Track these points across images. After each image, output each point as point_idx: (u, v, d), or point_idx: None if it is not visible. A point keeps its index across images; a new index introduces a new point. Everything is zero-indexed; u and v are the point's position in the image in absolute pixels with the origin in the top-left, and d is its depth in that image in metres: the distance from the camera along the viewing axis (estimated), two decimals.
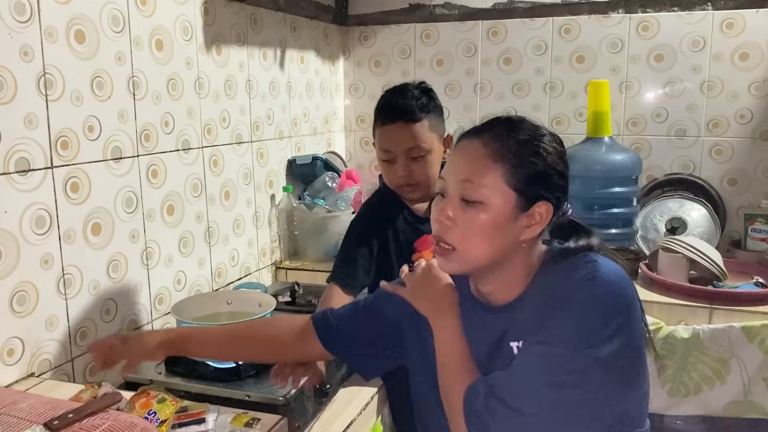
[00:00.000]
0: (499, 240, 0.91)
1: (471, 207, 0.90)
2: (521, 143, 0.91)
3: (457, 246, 0.92)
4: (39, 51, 1.29)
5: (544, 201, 0.91)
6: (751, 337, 1.69)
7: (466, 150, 0.94)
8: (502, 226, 0.90)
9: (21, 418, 0.99)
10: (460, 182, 0.92)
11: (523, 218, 0.91)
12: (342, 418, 1.41)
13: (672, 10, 2.29)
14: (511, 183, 0.90)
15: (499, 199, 0.90)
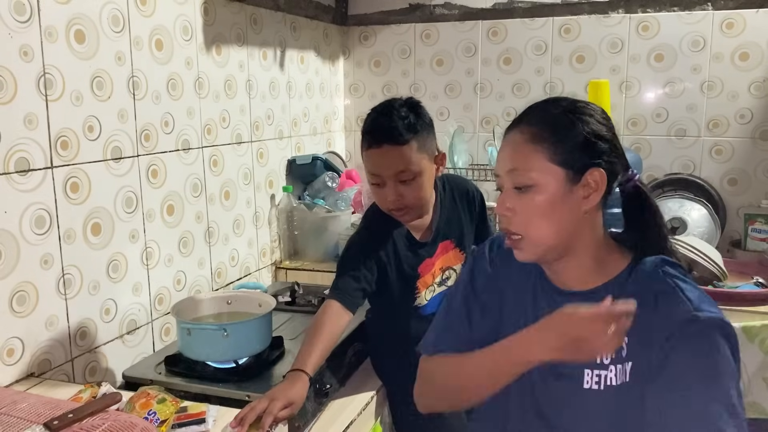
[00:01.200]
0: (560, 216, 0.93)
1: (524, 193, 0.93)
2: (555, 119, 0.94)
3: (522, 233, 0.94)
4: (39, 51, 1.29)
5: (594, 168, 0.92)
6: (752, 337, 1.69)
7: (508, 142, 0.97)
8: (560, 202, 0.92)
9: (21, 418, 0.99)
10: (508, 173, 0.95)
11: (578, 190, 0.92)
12: (342, 418, 1.41)
13: (672, 10, 2.29)
14: (555, 159, 0.91)
15: (548, 178, 0.92)
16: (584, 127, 0.93)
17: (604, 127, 0.94)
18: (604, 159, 0.93)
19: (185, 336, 1.40)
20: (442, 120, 2.61)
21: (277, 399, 1.18)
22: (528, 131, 0.94)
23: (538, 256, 0.97)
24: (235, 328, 1.39)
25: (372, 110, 1.47)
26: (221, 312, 1.56)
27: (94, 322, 1.46)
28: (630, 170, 0.98)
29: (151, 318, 1.64)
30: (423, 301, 1.53)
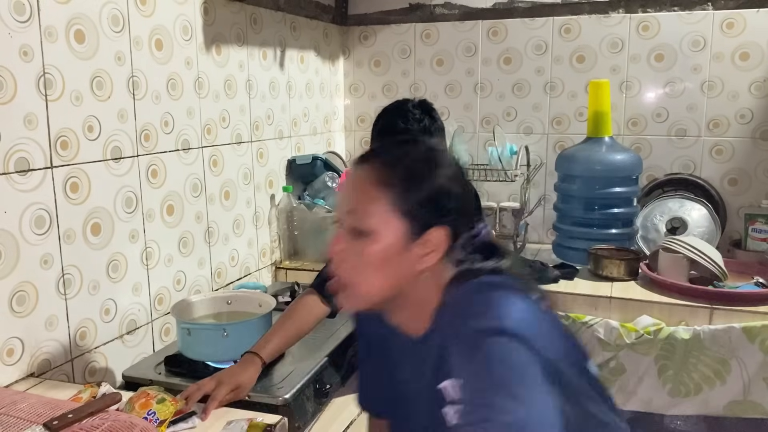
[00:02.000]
0: (392, 272, 0.84)
1: (360, 238, 0.83)
2: (408, 167, 0.84)
3: (349, 281, 0.85)
4: (39, 51, 1.29)
5: (438, 227, 0.83)
6: (752, 337, 1.69)
7: (352, 178, 0.87)
8: (394, 257, 0.83)
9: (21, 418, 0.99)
10: (346, 213, 0.85)
11: (417, 246, 0.83)
12: (342, 418, 1.41)
13: (672, 10, 2.29)
14: (399, 210, 0.82)
15: (387, 228, 0.82)
16: (437, 180, 0.84)
17: (458, 183, 0.86)
18: (450, 219, 0.84)
19: (185, 336, 1.40)
20: (442, 120, 2.60)
21: (225, 383, 1.21)
22: (376, 172, 0.84)
23: (364, 307, 0.90)
24: (234, 328, 1.39)
25: (384, 110, 1.45)
26: (221, 312, 1.56)
27: (94, 322, 1.46)
28: (479, 226, 0.90)
29: (150, 318, 1.64)
30: None
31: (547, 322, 0.81)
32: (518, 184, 2.36)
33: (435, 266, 0.85)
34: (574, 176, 2.17)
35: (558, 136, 2.49)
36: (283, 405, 1.29)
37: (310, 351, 1.53)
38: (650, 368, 1.79)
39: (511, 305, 0.78)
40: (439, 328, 0.85)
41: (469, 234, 0.88)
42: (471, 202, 0.89)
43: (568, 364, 0.81)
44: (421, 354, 0.88)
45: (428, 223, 0.83)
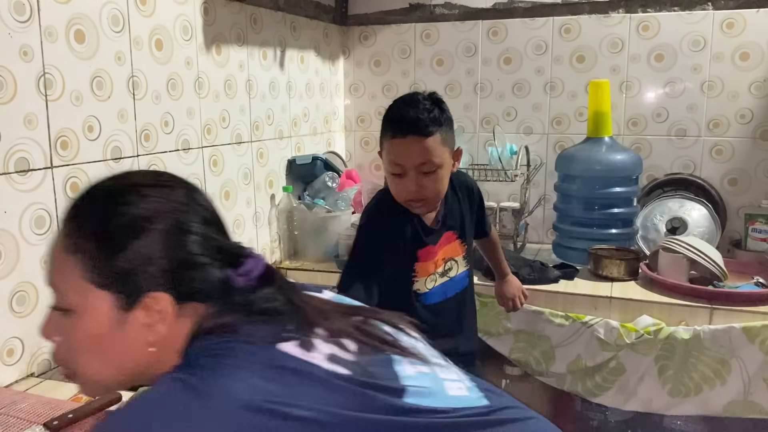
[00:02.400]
0: (114, 351, 0.71)
1: (65, 317, 0.70)
2: (94, 226, 0.70)
3: (70, 367, 0.73)
4: (39, 51, 1.29)
5: (153, 292, 0.69)
6: (752, 337, 1.69)
7: (50, 247, 0.73)
8: (107, 334, 0.70)
9: (21, 418, 0.99)
10: (49, 287, 0.72)
11: (136, 317, 0.70)
12: None
13: (672, 10, 2.29)
14: (93, 280, 0.69)
15: (87, 301, 0.69)
16: (140, 239, 0.69)
17: (176, 235, 0.71)
18: (172, 278, 0.70)
19: None
20: None
21: None
22: (66, 238, 0.70)
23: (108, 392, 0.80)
24: None
25: (395, 101, 1.49)
26: None
27: None
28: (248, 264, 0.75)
29: None
30: (423, 287, 1.51)
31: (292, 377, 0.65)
32: (518, 184, 2.36)
33: (172, 331, 0.71)
34: (574, 176, 2.17)
35: (558, 136, 2.49)
36: None
37: None
38: (650, 368, 1.79)
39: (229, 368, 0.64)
40: None
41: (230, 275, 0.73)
42: (213, 245, 0.73)
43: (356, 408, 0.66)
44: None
45: (139, 290, 0.69)
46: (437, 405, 0.70)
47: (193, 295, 0.72)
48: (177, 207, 0.73)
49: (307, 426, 0.62)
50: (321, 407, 0.63)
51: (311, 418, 0.62)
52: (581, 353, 1.86)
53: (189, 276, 0.71)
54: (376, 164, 2.75)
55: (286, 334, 0.69)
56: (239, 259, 0.75)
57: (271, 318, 0.72)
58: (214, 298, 0.72)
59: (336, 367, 0.68)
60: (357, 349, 0.73)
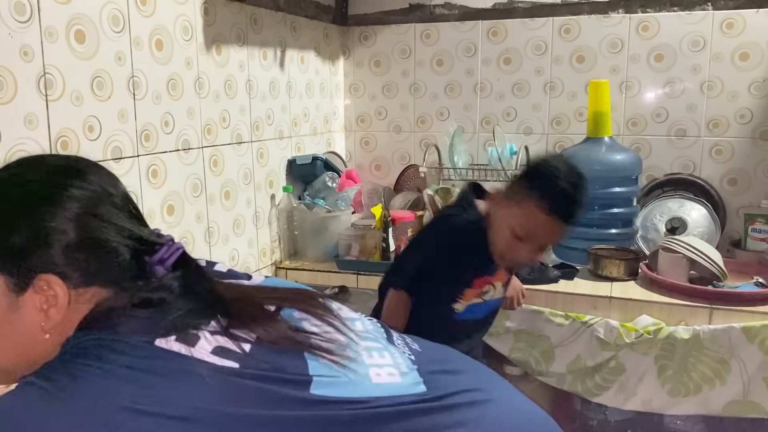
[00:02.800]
0: (7, 336, 0.70)
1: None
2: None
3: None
4: (39, 51, 1.29)
5: (45, 274, 0.67)
6: (751, 337, 1.69)
7: None
8: (4, 317, 0.69)
9: None
10: None
11: (29, 300, 0.68)
12: None
13: (672, 10, 2.29)
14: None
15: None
16: (32, 218, 0.67)
17: (72, 215, 0.68)
18: (62, 262, 0.67)
19: None
20: (442, 120, 2.61)
21: None
22: None
23: (5, 381, 0.76)
24: None
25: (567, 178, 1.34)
26: None
27: None
28: (161, 251, 0.74)
29: None
30: (460, 307, 1.53)
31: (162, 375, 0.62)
32: None
33: (67, 319, 0.69)
34: None
35: (558, 136, 2.49)
36: None
37: None
38: (650, 368, 1.79)
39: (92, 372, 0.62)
40: None
41: (141, 261, 0.73)
42: (119, 230, 0.72)
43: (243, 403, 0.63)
44: None
45: (31, 270, 0.67)
46: (350, 395, 0.67)
47: (91, 281, 0.69)
48: (82, 190, 0.70)
49: (177, 424, 0.59)
50: (194, 404, 0.61)
51: (179, 416, 0.60)
52: (581, 353, 1.86)
53: (85, 260, 0.69)
54: (375, 164, 2.76)
55: (165, 329, 0.66)
56: (154, 246, 0.73)
57: (159, 309, 0.68)
58: (114, 285, 0.70)
59: (222, 361, 0.65)
60: (258, 339, 0.69)
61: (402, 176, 2.64)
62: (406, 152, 2.70)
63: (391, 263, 1.82)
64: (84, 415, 0.58)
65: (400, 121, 2.69)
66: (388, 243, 2.12)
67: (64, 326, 0.69)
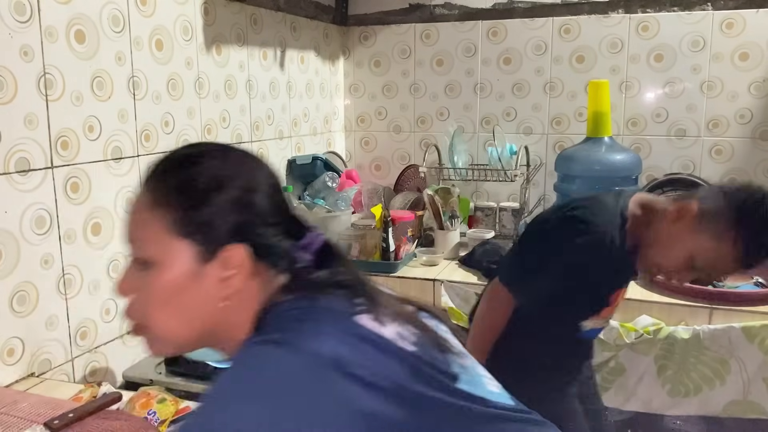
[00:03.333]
0: (189, 304, 0.73)
1: (145, 270, 0.72)
2: (179, 181, 0.73)
3: (145, 322, 0.74)
4: (39, 51, 1.29)
5: (233, 244, 0.72)
6: (751, 337, 1.69)
7: (131, 204, 0.76)
8: (187, 286, 0.72)
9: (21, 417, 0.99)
10: (128, 243, 0.74)
11: (212, 270, 0.72)
12: None
13: (672, 10, 2.29)
14: (179, 231, 0.71)
15: (170, 253, 0.71)
16: (221, 193, 0.72)
17: (252, 193, 0.74)
18: (248, 233, 0.73)
19: None
20: (442, 120, 2.61)
21: None
22: (149, 194, 0.73)
23: (172, 351, 0.81)
24: None
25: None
26: None
27: (95, 322, 1.46)
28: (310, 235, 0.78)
29: None
30: (590, 325, 1.39)
31: (372, 348, 0.68)
32: (518, 184, 2.36)
33: (246, 289, 0.73)
34: (574, 176, 2.17)
35: (558, 136, 2.49)
36: None
37: None
38: (650, 368, 1.79)
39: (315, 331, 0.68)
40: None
41: (293, 245, 0.76)
42: (282, 212, 0.77)
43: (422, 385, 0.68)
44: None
45: (219, 241, 0.72)
46: (484, 396, 0.74)
47: (266, 256, 0.74)
48: (253, 171, 0.76)
49: (380, 396, 0.64)
50: (395, 380, 0.66)
51: (385, 388, 0.65)
52: None
53: (263, 235, 0.74)
54: (375, 164, 2.76)
55: (359, 307, 0.71)
56: (302, 231, 0.78)
57: (342, 291, 0.73)
58: (283, 264, 0.75)
59: (404, 344, 0.70)
60: (416, 331, 0.74)
61: (402, 176, 2.64)
62: (406, 152, 2.70)
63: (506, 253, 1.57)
64: (320, 367, 0.63)
65: (400, 121, 2.69)
66: (388, 243, 2.11)
67: (241, 298, 0.73)
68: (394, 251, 2.13)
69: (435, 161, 2.52)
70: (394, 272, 2.09)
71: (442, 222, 2.26)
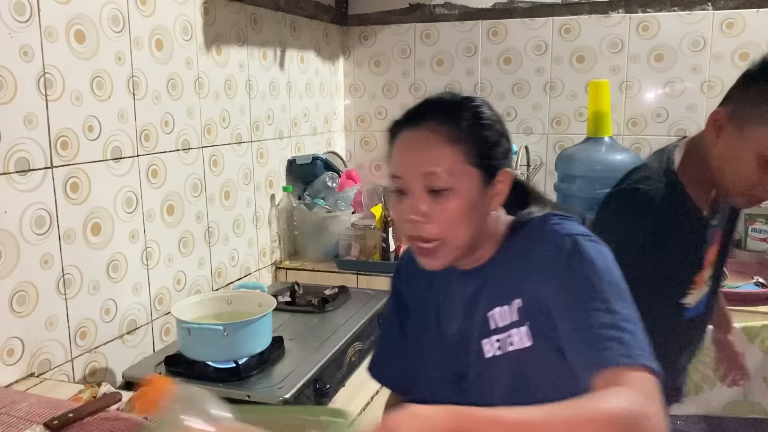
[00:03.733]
0: (475, 218, 0.90)
1: (442, 197, 0.88)
2: (468, 119, 0.90)
3: (440, 238, 0.90)
4: (39, 51, 1.29)
5: (505, 169, 0.92)
6: (752, 337, 1.69)
7: (416, 141, 0.90)
8: (476, 205, 0.90)
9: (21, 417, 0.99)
10: (422, 175, 0.88)
11: (490, 190, 0.91)
12: None
13: (672, 10, 2.29)
14: (473, 161, 0.88)
15: (466, 180, 0.88)
16: (494, 125, 0.91)
17: (503, 124, 0.94)
18: (509, 158, 0.94)
19: (185, 336, 1.40)
20: None
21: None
22: (441, 131, 0.89)
23: (452, 261, 0.93)
24: (235, 328, 1.39)
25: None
26: (221, 312, 1.56)
27: (94, 322, 1.46)
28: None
29: (151, 318, 1.64)
30: (691, 301, 1.22)
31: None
32: None
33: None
34: (574, 176, 2.17)
35: (558, 136, 2.49)
36: (283, 404, 1.29)
37: (310, 351, 1.53)
38: None
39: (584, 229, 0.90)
40: (507, 254, 0.94)
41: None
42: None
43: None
44: (474, 284, 0.96)
45: (497, 166, 0.91)
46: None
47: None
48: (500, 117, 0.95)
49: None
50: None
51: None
52: None
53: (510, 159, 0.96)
54: (375, 164, 2.76)
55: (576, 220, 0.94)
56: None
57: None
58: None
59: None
60: None
61: None
62: None
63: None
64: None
65: None
66: (388, 243, 2.12)
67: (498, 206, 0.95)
68: (394, 251, 2.13)
69: None
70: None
71: None
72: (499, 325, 0.93)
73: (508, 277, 0.92)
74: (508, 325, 0.92)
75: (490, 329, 0.93)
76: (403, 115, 0.94)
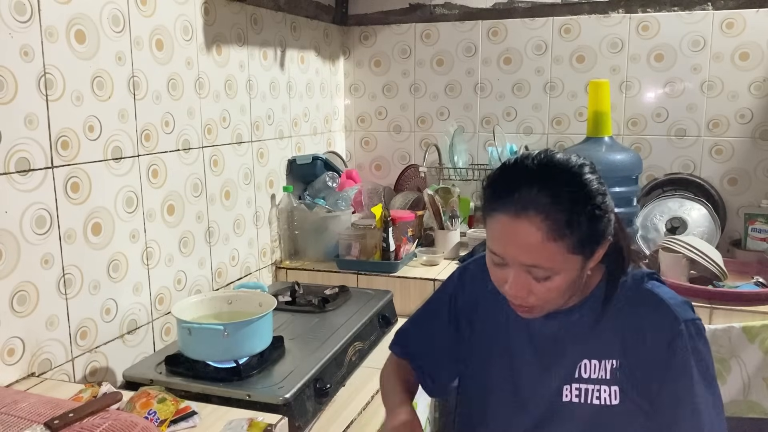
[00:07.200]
0: (571, 289, 0.96)
1: (544, 279, 0.92)
2: (575, 211, 0.88)
3: (538, 305, 0.96)
4: (39, 51, 1.29)
5: (603, 244, 0.95)
6: (752, 337, 1.69)
7: (515, 235, 0.90)
8: (575, 279, 0.95)
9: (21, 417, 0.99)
10: (525, 267, 0.92)
11: (590, 263, 0.96)
12: (342, 418, 1.41)
13: (672, 10, 2.29)
14: (575, 250, 0.90)
15: (568, 265, 0.92)
16: (599, 206, 0.91)
17: (603, 195, 0.92)
18: (610, 228, 0.95)
19: (186, 336, 1.41)
20: (442, 120, 2.61)
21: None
22: (544, 226, 0.88)
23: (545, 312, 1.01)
24: (235, 328, 1.39)
25: None
26: (221, 312, 1.56)
27: (95, 321, 1.46)
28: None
29: (151, 318, 1.64)
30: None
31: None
32: None
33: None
34: None
35: (558, 136, 2.49)
36: (283, 404, 1.29)
37: (310, 350, 1.53)
38: None
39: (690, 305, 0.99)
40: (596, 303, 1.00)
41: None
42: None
43: None
44: (554, 325, 1.03)
45: (597, 245, 0.94)
46: None
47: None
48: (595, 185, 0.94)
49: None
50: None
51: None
52: None
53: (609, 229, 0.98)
54: (375, 164, 2.76)
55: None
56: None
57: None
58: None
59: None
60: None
61: (402, 176, 2.64)
62: (406, 152, 2.70)
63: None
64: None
65: (400, 120, 2.69)
66: (388, 243, 2.12)
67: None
68: (394, 251, 2.13)
69: (435, 161, 2.52)
70: (394, 272, 2.09)
71: (442, 222, 2.26)
72: (584, 376, 1.00)
73: (604, 334, 0.99)
74: (597, 379, 0.99)
75: (575, 377, 1.00)
76: (498, 189, 0.93)
